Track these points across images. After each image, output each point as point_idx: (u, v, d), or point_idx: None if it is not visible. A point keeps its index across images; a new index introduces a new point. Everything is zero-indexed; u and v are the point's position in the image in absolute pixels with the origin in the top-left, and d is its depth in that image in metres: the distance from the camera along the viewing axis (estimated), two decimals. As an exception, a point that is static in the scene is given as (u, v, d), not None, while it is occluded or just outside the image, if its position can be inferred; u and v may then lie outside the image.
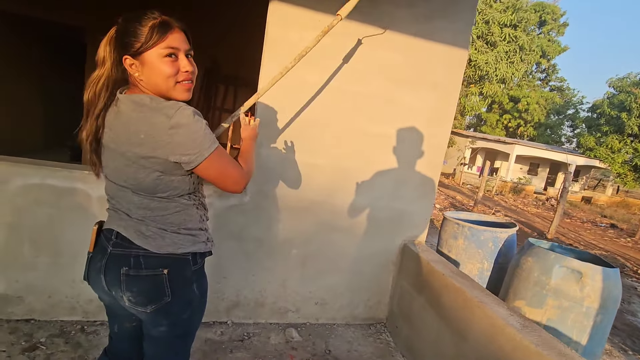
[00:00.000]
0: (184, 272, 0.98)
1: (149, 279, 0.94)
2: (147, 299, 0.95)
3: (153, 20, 0.87)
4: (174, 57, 0.89)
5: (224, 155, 0.94)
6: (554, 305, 2.02)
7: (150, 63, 0.88)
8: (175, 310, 0.98)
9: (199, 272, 1.03)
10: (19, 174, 1.73)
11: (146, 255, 0.94)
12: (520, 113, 24.83)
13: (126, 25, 0.87)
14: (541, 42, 20.81)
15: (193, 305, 1.02)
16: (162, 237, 0.95)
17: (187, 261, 0.99)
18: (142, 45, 0.86)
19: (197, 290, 1.02)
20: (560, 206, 7.70)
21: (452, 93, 2.20)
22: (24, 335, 1.76)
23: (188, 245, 0.98)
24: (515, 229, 2.81)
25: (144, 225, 0.95)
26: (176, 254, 0.96)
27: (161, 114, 0.85)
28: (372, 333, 2.32)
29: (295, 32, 1.90)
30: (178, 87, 0.91)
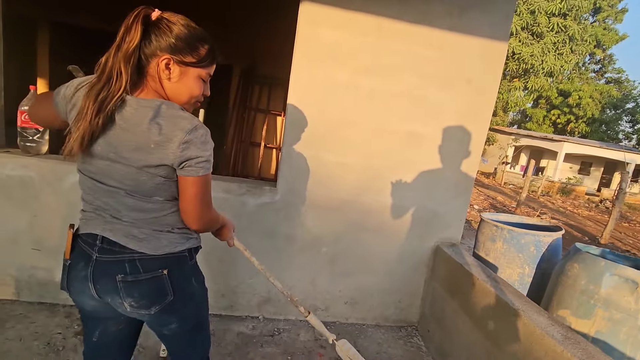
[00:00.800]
0: (182, 269, 0.99)
1: (149, 282, 0.93)
2: (150, 301, 0.94)
3: (210, 45, 0.92)
4: (204, 81, 0.95)
5: (209, 188, 0.93)
6: (603, 316, 1.86)
7: (187, 77, 0.90)
8: (179, 307, 0.98)
9: (195, 265, 1.05)
10: (71, 172, 1.89)
11: (142, 259, 0.92)
12: (571, 108, 23.04)
13: (184, 31, 0.87)
14: (595, 31, 19.17)
15: (195, 298, 1.03)
16: (157, 239, 0.93)
17: (184, 258, 0.99)
18: (195, 62, 0.89)
19: (195, 282, 1.03)
20: (615, 209, 7.07)
21: (489, 88, 2.09)
22: (76, 320, 1.92)
23: (183, 243, 0.98)
24: (561, 233, 2.62)
25: (135, 228, 0.92)
26: (174, 252, 0.96)
27: (177, 128, 0.84)
28: (403, 336, 2.27)
29: (326, 30, 1.91)
30: (192, 105, 0.96)
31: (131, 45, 0.83)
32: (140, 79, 0.88)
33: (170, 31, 0.86)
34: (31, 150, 1.90)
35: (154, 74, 0.88)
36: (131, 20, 0.84)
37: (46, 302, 2.00)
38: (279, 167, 2.06)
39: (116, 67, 0.83)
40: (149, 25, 0.85)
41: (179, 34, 0.87)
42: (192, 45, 0.88)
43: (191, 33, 0.88)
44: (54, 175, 1.88)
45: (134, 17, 0.84)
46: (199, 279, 1.06)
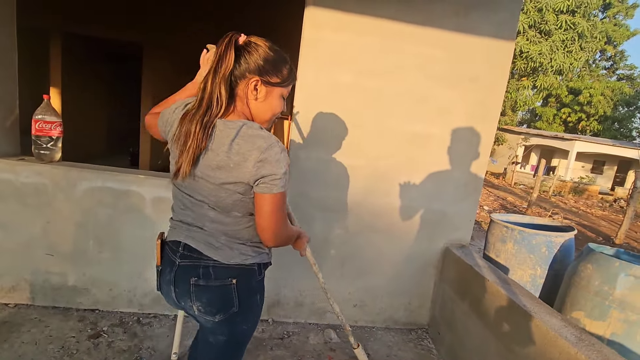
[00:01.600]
0: (250, 283, 1.01)
1: (218, 289, 0.97)
2: (217, 308, 0.97)
3: (290, 65, 0.98)
4: (284, 99, 1.01)
5: (283, 202, 0.94)
6: (619, 318, 1.82)
7: (272, 97, 0.97)
8: (239, 320, 1.01)
9: (262, 282, 1.06)
10: (84, 178, 1.93)
11: (215, 266, 0.97)
12: (582, 106, 22.64)
13: (270, 54, 0.93)
14: (605, 28, 18.82)
15: (253, 316, 1.05)
16: (230, 249, 0.98)
17: (254, 271, 1.02)
18: (279, 82, 0.96)
19: (259, 300, 1.05)
20: (630, 208, 6.91)
21: (496, 88, 2.07)
22: (90, 324, 1.95)
23: (254, 256, 1.01)
24: (573, 233, 2.57)
25: (213, 237, 0.97)
26: (244, 264, 0.99)
27: (254, 147, 0.88)
28: (413, 338, 2.25)
29: (330, 33, 1.92)
30: (272, 122, 1.03)
31: (227, 70, 0.89)
32: (230, 101, 0.93)
33: (257, 54, 0.92)
34: (45, 157, 1.95)
35: (242, 95, 0.94)
36: (224, 46, 0.90)
37: (60, 307, 2.03)
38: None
39: (216, 92, 0.90)
40: (237, 50, 0.91)
41: (266, 56, 0.93)
42: (277, 66, 0.94)
43: (275, 55, 0.94)
44: (67, 182, 1.92)
45: (226, 43, 0.90)
46: (262, 297, 1.07)
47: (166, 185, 1.98)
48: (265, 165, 0.88)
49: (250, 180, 0.90)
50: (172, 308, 2.08)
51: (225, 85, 0.90)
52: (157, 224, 2.00)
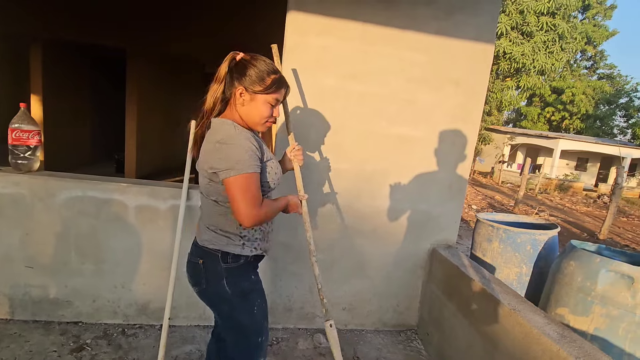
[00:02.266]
0: (214, 267, 1.13)
1: (193, 265, 1.18)
2: (192, 280, 1.19)
3: (275, 75, 1.11)
4: (273, 105, 1.13)
5: (247, 185, 1.03)
6: (601, 313, 1.86)
7: (256, 103, 1.10)
8: (212, 299, 1.18)
9: (232, 271, 1.14)
10: (64, 188, 1.88)
11: (194, 244, 1.20)
12: (565, 105, 23.19)
13: (255, 67, 1.09)
14: (585, 28, 19.37)
15: (229, 302, 1.14)
16: (203, 232, 1.17)
17: (217, 257, 1.13)
18: (261, 90, 1.09)
19: (228, 287, 1.13)
20: (613, 204, 7.09)
21: (478, 90, 2.11)
22: (72, 337, 1.90)
23: (221, 245, 1.13)
24: (557, 231, 2.62)
25: (201, 220, 1.20)
26: (208, 248, 1.14)
27: (214, 139, 1.06)
28: (402, 340, 2.26)
29: (313, 38, 1.92)
30: (262, 126, 1.15)
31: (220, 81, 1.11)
32: (224, 106, 1.15)
33: (245, 68, 1.09)
34: (23, 167, 1.90)
35: (232, 102, 1.12)
36: (223, 63, 1.11)
37: (41, 320, 1.98)
38: (272, 175, 2.06)
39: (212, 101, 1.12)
40: (233, 65, 1.11)
41: (251, 68, 1.09)
42: (260, 77, 1.09)
43: (260, 67, 1.10)
44: (46, 192, 1.88)
45: (225, 61, 1.11)
46: (236, 287, 1.15)
47: (149, 193, 1.95)
48: (222, 147, 1.04)
49: (212, 167, 1.06)
50: (159, 318, 2.05)
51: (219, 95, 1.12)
52: (141, 233, 1.97)
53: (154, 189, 1.96)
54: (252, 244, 1.17)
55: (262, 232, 1.20)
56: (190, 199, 1.97)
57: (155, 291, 2.04)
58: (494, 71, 11.10)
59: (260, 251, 1.20)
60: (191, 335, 2.04)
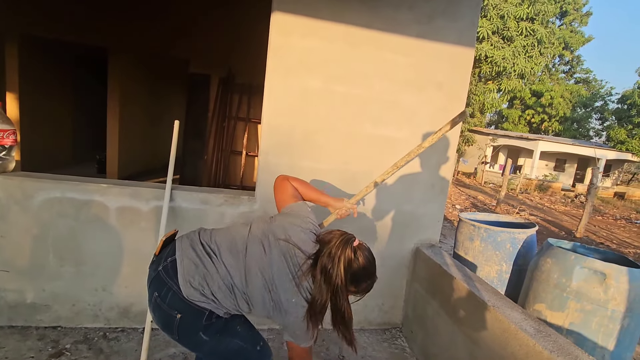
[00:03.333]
0: (194, 322, 1.06)
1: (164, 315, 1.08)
2: (162, 327, 1.10)
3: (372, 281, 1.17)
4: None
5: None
6: (576, 308, 1.93)
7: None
8: (189, 347, 1.14)
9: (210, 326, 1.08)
10: (41, 189, 1.83)
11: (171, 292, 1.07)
12: (544, 108, 23.95)
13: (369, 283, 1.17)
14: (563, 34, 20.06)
15: (208, 344, 1.09)
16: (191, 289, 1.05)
17: (202, 315, 1.06)
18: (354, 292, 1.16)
19: (205, 335, 1.08)
20: (588, 203, 7.36)
21: (459, 92, 2.16)
22: (51, 342, 1.85)
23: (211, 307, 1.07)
24: (535, 229, 2.71)
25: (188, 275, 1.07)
26: (196, 305, 1.05)
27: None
28: (387, 338, 2.29)
29: (298, 39, 1.93)
30: None
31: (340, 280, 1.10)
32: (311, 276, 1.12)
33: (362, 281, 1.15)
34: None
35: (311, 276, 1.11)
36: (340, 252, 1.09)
37: (17, 326, 1.91)
38: (257, 176, 2.06)
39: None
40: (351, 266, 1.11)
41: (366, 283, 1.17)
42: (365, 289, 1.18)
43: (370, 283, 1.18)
44: (22, 194, 1.82)
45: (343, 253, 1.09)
46: (212, 331, 1.08)
47: (131, 194, 1.92)
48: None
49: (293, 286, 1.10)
50: (141, 321, 2.01)
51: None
52: (122, 235, 1.93)
53: (136, 190, 1.92)
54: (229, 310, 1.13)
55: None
56: (174, 200, 1.95)
57: (137, 294, 2.01)
58: (476, 74, 11.38)
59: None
60: (175, 338, 2.01)
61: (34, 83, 5.27)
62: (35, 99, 5.35)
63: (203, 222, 2.01)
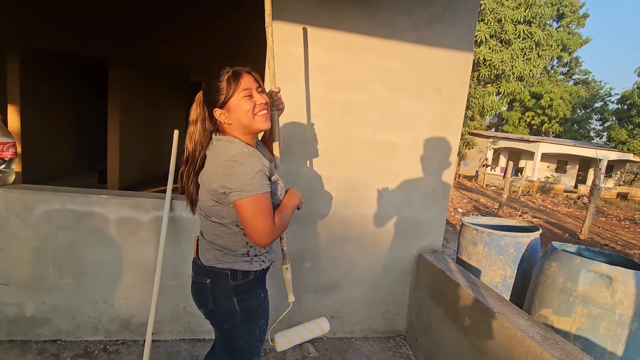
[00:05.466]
0: (223, 285, 1.12)
1: (197, 285, 1.17)
2: (198, 301, 1.18)
3: (227, 74, 1.07)
4: (249, 96, 1.08)
5: (260, 206, 1.03)
6: (583, 313, 1.90)
7: (233, 109, 1.07)
8: (218, 318, 1.16)
9: (241, 288, 1.13)
10: (41, 201, 1.83)
11: (197, 265, 1.17)
12: (544, 109, 23.98)
13: (207, 85, 1.09)
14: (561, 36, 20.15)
15: (234, 322, 1.14)
16: (208, 252, 1.14)
17: (226, 275, 1.12)
18: (225, 96, 1.06)
19: (238, 305, 1.13)
20: (591, 204, 7.31)
21: (459, 97, 2.16)
22: (50, 356, 1.83)
23: (229, 263, 1.12)
24: (539, 233, 2.68)
25: (205, 242, 1.16)
26: (216, 267, 1.12)
27: (229, 150, 1.05)
28: (392, 346, 2.26)
29: (296, 47, 1.94)
30: (257, 119, 1.10)
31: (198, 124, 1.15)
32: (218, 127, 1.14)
33: (205, 94, 1.11)
34: (-3, 181, 1.83)
35: (222, 127, 1.13)
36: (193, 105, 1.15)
37: (17, 340, 1.89)
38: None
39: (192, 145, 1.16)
40: (200, 100, 1.14)
41: (205, 91, 1.11)
42: (215, 88, 1.07)
43: (210, 82, 1.09)
44: (22, 206, 1.81)
45: (194, 102, 1.15)
46: (245, 306, 1.14)
47: (131, 205, 1.91)
48: (232, 170, 1.01)
49: (224, 186, 1.03)
50: (142, 333, 1.99)
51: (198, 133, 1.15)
52: (123, 246, 1.92)
53: (135, 201, 1.91)
54: (259, 258, 1.17)
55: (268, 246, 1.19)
56: (174, 209, 1.94)
57: (138, 305, 1.99)
58: (475, 77, 11.41)
59: (267, 263, 1.20)
60: (176, 349, 1.99)
61: (34, 95, 5.31)
62: (35, 111, 5.38)
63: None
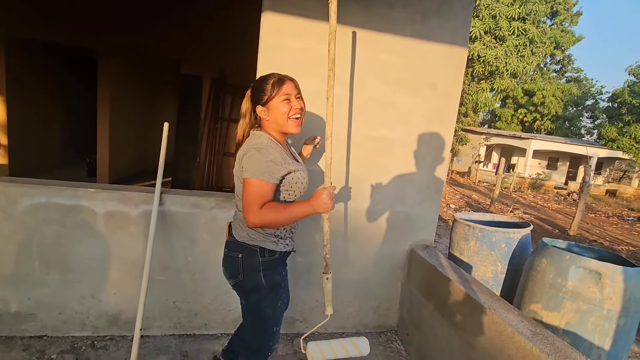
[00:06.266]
0: (252, 260, 1.28)
1: (230, 259, 1.33)
2: (229, 274, 1.33)
3: (273, 79, 1.25)
4: (287, 100, 1.25)
5: (259, 189, 1.17)
6: (572, 308, 1.92)
7: (272, 108, 1.25)
8: (246, 289, 1.31)
9: (267, 264, 1.30)
10: (26, 194, 1.78)
11: (230, 241, 1.35)
12: (536, 107, 24.17)
13: (254, 85, 1.30)
14: (554, 34, 20.28)
15: (260, 292, 1.29)
16: (241, 229, 1.30)
17: (255, 252, 1.28)
18: (268, 97, 1.25)
19: (264, 279, 1.29)
20: (581, 201, 7.42)
21: (453, 92, 2.14)
22: (36, 352, 1.79)
23: (258, 241, 1.28)
24: (529, 229, 2.70)
25: (238, 220, 1.32)
26: (247, 244, 1.29)
27: (253, 140, 1.24)
28: (383, 341, 2.26)
29: (290, 39, 1.90)
30: (290, 122, 1.27)
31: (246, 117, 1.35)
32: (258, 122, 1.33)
33: (252, 92, 1.30)
34: (-21, 173, 1.77)
35: (262, 123, 1.31)
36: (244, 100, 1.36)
37: (1, 336, 1.85)
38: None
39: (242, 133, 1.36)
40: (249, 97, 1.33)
41: (253, 88, 1.30)
42: (260, 89, 1.26)
43: (258, 82, 1.29)
44: (5, 199, 1.76)
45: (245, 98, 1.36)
46: (270, 279, 1.30)
47: (119, 199, 1.87)
48: (250, 156, 1.20)
49: (243, 167, 1.21)
50: (131, 329, 1.96)
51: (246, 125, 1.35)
52: (111, 240, 1.88)
53: (124, 194, 1.87)
54: (284, 241, 1.34)
55: (291, 232, 1.38)
56: (164, 203, 1.90)
57: (127, 301, 1.96)
58: (469, 74, 11.43)
59: (290, 248, 1.38)
60: (166, 345, 1.97)
61: (21, 85, 5.17)
62: (22, 101, 5.25)
63: (194, 226, 1.97)
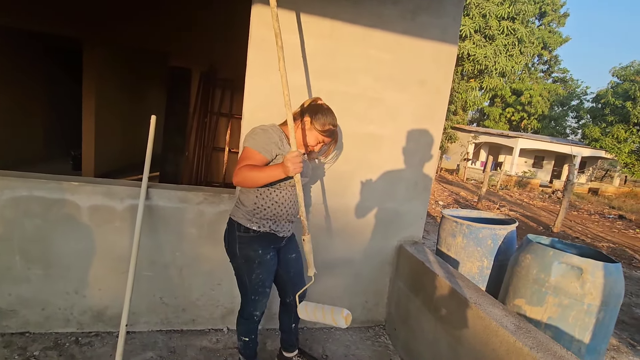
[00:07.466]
0: (232, 232, 1.53)
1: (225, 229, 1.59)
2: (224, 241, 1.59)
3: (333, 127, 1.53)
4: (319, 142, 1.53)
5: (250, 155, 1.40)
6: (554, 303, 1.97)
7: (311, 132, 1.51)
8: (229, 255, 1.56)
9: (242, 239, 1.50)
10: (6, 187, 1.72)
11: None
12: (524, 106, 24.56)
13: (325, 117, 1.51)
14: (542, 34, 20.57)
15: (236, 260, 1.53)
16: (235, 206, 1.57)
17: (234, 225, 1.52)
18: (318, 130, 1.50)
19: (239, 251, 1.50)
20: (565, 199, 7.59)
21: (442, 90, 2.16)
22: (18, 349, 1.75)
23: (237, 217, 1.52)
24: (515, 226, 2.75)
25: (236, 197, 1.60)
26: (232, 219, 1.55)
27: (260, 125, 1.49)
28: (371, 336, 2.28)
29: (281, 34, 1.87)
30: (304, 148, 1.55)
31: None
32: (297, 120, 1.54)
33: (319, 112, 1.52)
34: (-44, 165, 1.71)
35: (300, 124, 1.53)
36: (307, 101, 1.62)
37: (-19, 332, 1.81)
38: (238, 174, 2.00)
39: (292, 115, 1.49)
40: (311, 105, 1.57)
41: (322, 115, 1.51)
42: (324, 122, 1.50)
43: (327, 118, 1.52)
44: (-16, 192, 1.71)
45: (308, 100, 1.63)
46: (244, 252, 1.50)
47: (104, 192, 1.83)
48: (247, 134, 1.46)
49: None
50: (117, 325, 1.94)
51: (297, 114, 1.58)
52: (95, 235, 1.85)
53: (109, 188, 1.84)
54: (260, 221, 1.50)
55: (275, 215, 1.50)
56: (150, 198, 1.87)
57: (112, 296, 1.93)
58: (459, 72, 11.54)
59: (269, 230, 1.51)
60: (152, 340, 1.95)
61: (1, 76, 5.00)
62: (3, 92, 5.08)
63: (181, 220, 1.95)
